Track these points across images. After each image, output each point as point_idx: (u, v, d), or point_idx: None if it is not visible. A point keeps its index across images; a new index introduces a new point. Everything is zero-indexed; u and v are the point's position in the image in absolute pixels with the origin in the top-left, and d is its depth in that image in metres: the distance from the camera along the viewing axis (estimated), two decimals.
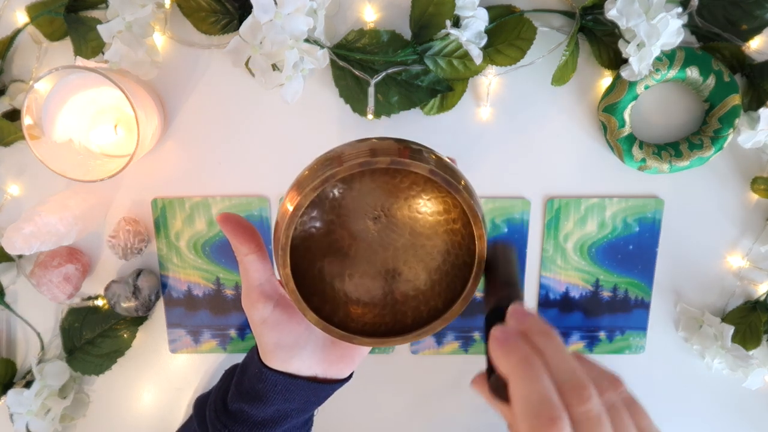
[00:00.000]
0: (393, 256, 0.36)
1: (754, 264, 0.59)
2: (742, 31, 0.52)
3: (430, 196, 0.35)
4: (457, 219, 0.34)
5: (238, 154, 0.57)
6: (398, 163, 0.29)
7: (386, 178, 0.34)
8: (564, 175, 0.57)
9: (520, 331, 0.26)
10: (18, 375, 0.60)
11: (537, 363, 0.24)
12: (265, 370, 0.37)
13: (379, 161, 0.29)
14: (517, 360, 0.24)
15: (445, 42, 0.51)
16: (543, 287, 0.60)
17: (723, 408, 0.63)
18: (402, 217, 0.35)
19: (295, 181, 0.31)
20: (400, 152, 0.29)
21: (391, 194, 0.35)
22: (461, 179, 0.30)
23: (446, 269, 0.35)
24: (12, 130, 0.54)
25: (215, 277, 0.59)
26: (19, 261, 0.59)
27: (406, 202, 0.35)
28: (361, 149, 0.30)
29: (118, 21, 0.49)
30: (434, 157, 0.31)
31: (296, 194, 0.30)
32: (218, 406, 0.39)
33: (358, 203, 0.35)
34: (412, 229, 0.35)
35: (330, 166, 0.29)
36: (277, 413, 0.37)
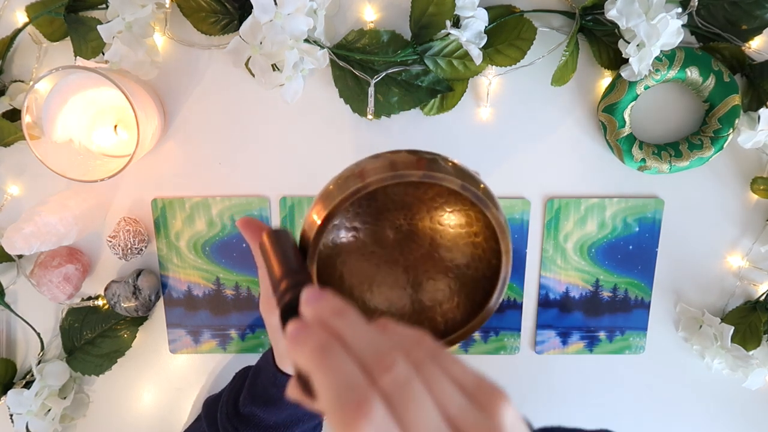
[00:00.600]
0: (413, 265, 0.36)
1: (754, 264, 0.59)
2: (742, 31, 0.52)
3: (453, 208, 0.35)
4: (479, 232, 0.34)
5: (238, 154, 0.57)
6: (430, 177, 0.29)
7: (410, 189, 0.34)
8: (564, 175, 0.57)
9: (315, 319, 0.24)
10: (18, 375, 0.60)
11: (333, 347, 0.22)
12: (280, 374, 0.36)
13: (411, 174, 0.29)
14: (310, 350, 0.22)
15: (445, 42, 0.51)
16: (543, 287, 0.60)
17: (723, 408, 0.63)
18: (423, 228, 0.35)
19: (320, 194, 0.31)
20: (417, 164, 0.29)
21: (414, 205, 0.35)
22: (487, 192, 0.30)
23: (466, 282, 0.35)
24: (12, 130, 0.54)
25: (215, 277, 0.59)
26: (19, 261, 0.59)
27: (429, 213, 0.35)
28: (382, 164, 0.30)
29: (118, 21, 0.49)
30: (451, 164, 0.31)
31: (324, 206, 0.30)
32: (229, 408, 0.39)
33: (381, 213, 0.35)
34: (433, 239, 0.35)
35: (356, 181, 0.29)
36: (289, 418, 0.37)
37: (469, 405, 0.21)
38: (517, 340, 0.61)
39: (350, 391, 0.20)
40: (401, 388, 0.21)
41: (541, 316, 0.60)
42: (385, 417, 0.20)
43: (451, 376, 0.22)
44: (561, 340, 0.61)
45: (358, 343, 0.22)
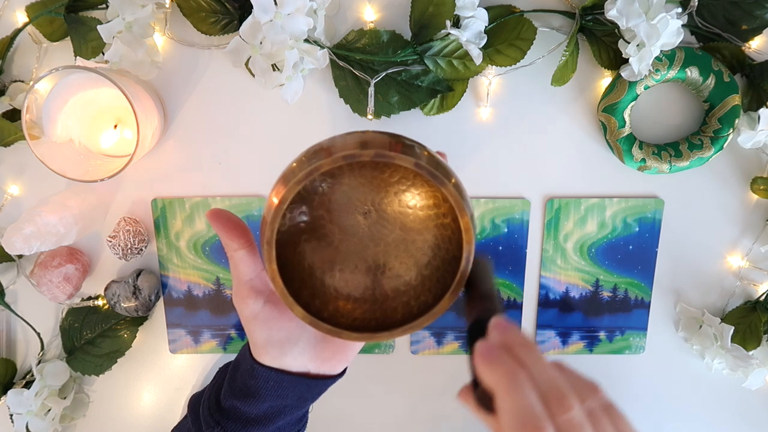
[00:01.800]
0: (384, 251, 0.35)
1: (754, 264, 0.59)
2: (742, 31, 0.52)
3: (420, 190, 0.35)
4: (447, 213, 0.34)
5: (238, 154, 0.57)
6: (383, 156, 0.29)
7: (375, 172, 0.34)
8: (564, 175, 0.57)
9: (502, 344, 0.27)
10: (18, 375, 0.60)
11: (521, 376, 0.25)
12: (257, 366, 0.36)
13: (364, 154, 0.29)
14: (501, 374, 0.25)
15: (445, 42, 0.51)
16: (543, 287, 0.60)
17: (723, 408, 0.63)
18: (392, 212, 0.35)
19: (282, 173, 0.31)
20: (391, 146, 0.29)
21: (381, 189, 0.35)
22: (448, 172, 0.30)
23: (437, 264, 0.35)
24: (12, 130, 0.54)
25: (215, 277, 0.59)
26: (19, 261, 0.59)
27: (396, 196, 0.35)
28: (352, 141, 0.30)
29: (118, 21, 0.49)
30: (426, 153, 0.30)
31: (282, 187, 0.30)
32: (211, 403, 0.39)
33: (347, 198, 0.35)
34: (403, 224, 0.35)
35: (316, 158, 0.29)
36: (270, 410, 0.37)
37: None
38: None
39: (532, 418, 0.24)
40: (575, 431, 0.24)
41: (541, 316, 0.60)
42: None
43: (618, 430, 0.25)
44: (561, 340, 0.61)
45: (540, 376, 0.25)
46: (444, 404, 0.63)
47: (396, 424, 0.63)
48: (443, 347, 0.61)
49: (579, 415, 0.24)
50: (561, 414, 0.24)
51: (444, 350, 0.61)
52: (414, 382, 0.62)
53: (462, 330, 0.61)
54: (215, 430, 0.38)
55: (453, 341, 0.61)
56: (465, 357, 0.61)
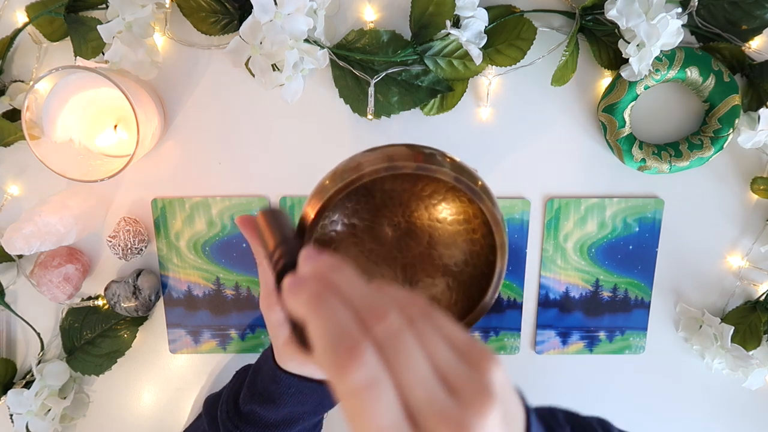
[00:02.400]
0: (411, 263, 0.36)
1: (754, 264, 0.59)
2: (742, 31, 0.52)
3: (450, 204, 0.35)
4: (477, 229, 0.34)
5: (238, 154, 0.57)
6: (424, 169, 0.29)
7: (407, 185, 0.34)
8: (564, 175, 0.57)
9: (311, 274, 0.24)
10: (18, 375, 0.60)
11: (328, 296, 0.23)
12: (280, 372, 0.36)
13: (405, 166, 0.29)
14: (306, 298, 0.23)
15: (445, 42, 0.51)
16: (543, 287, 0.60)
17: (723, 408, 0.63)
18: (422, 225, 0.35)
19: (316, 188, 0.31)
20: (414, 157, 0.29)
21: (412, 201, 0.35)
22: (484, 186, 0.30)
23: (464, 279, 0.35)
24: (12, 130, 0.54)
25: (215, 277, 0.59)
26: (19, 261, 0.59)
27: (427, 210, 0.35)
28: (378, 157, 0.30)
29: (118, 21, 0.49)
30: (449, 160, 0.30)
31: (318, 199, 0.30)
32: (230, 406, 0.39)
33: (379, 210, 0.35)
34: (431, 237, 0.35)
35: (347, 175, 0.29)
36: (289, 415, 0.37)
37: (460, 361, 0.22)
38: (517, 340, 0.61)
39: (343, 336, 0.21)
40: (393, 337, 0.21)
41: (541, 316, 0.60)
42: (376, 363, 0.20)
43: (443, 333, 0.22)
44: (561, 340, 0.61)
45: (353, 294, 0.23)
46: None
47: None
48: None
49: (396, 321, 0.22)
50: (377, 324, 0.21)
51: None
52: None
53: None
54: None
55: None
56: None
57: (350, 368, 0.20)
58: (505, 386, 0.21)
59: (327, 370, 0.21)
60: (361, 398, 0.20)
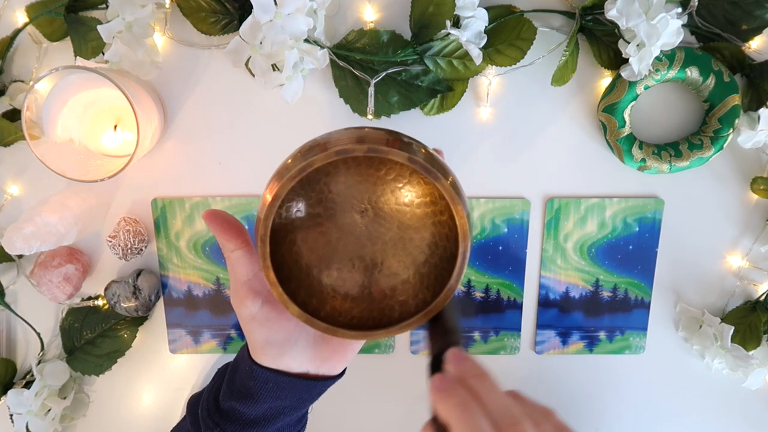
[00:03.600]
0: (381, 249, 0.35)
1: (754, 264, 0.59)
2: (742, 31, 0.52)
3: (416, 187, 0.34)
4: (444, 210, 0.34)
5: (238, 154, 0.57)
6: (376, 151, 0.28)
7: (371, 170, 0.34)
8: (564, 175, 0.57)
9: (457, 377, 0.27)
10: (18, 375, 0.60)
11: (473, 405, 0.25)
12: (256, 367, 0.36)
13: (357, 149, 0.28)
14: (453, 404, 0.25)
15: (445, 42, 0.51)
16: (543, 287, 0.60)
17: (723, 408, 0.63)
18: (389, 210, 0.35)
19: (276, 169, 0.31)
20: (388, 142, 0.29)
21: (377, 187, 0.34)
22: (444, 169, 0.30)
23: (435, 262, 0.34)
24: (12, 130, 0.54)
25: (215, 277, 0.59)
26: (19, 261, 0.59)
27: (393, 194, 0.35)
28: (348, 137, 0.30)
29: (118, 21, 0.49)
30: (423, 150, 0.30)
31: (276, 184, 0.30)
32: (210, 404, 0.39)
33: (344, 196, 0.35)
34: (400, 222, 0.35)
35: (311, 154, 0.29)
36: (269, 411, 0.37)
37: None
38: (517, 340, 0.61)
39: None
40: None
41: (541, 316, 0.60)
42: None
43: None
44: (561, 340, 0.61)
45: (492, 404, 0.25)
46: None
47: (396, 424, 0.63)
48: None
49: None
50: None
51: None
52: (414, 382, 0.62)
53: (462, 330, 0.61)
54: (214, 431, 0.38)
55: None
56: None
57: None
58: None
59: None
60: None
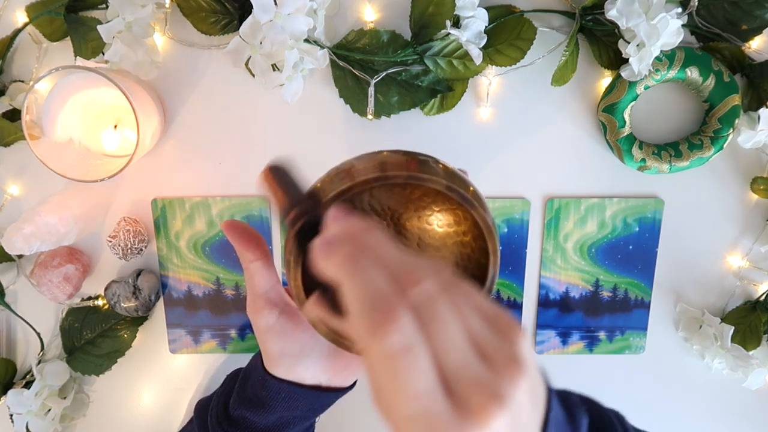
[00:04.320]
0: None
1: (754, 264, 0.59)
2: (742, 31, 0.52)
3: (440, 207, 0.34)
4: (467, 231, 0.34)
5: (238, 154, 0.57)
6: (415, 179, 0.28)
7: (397, 188, 0.34)
8: (564, 175, 0.57)
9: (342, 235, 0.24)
10: (18, 375, 0.60)
11: (364, 258, 0.22)
12: (269, 377, 0.36)
13: (396, 176, 0.28)
14: (341, 259, 0.22)
15: (445, 42, 0.51)
16: (543, 287, 0.60)
17: (723, 408, 0.63)
18: (411, 228, 0.35)
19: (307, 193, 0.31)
20: (407, 165, 0.29)
21: (401, 205, 0.34)
22: (476, 193, 0.30)
23: None
24: (12, 130, 0.54)
25: (215, 277, 0.59)
26: (19, 261, 0.59)
27: (416, 213, 0.35)
28: (372, 163, 0.30)
29: (118, 21, 0.49)
30: (442, 167, 0.30)
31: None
32: (220, 411, 0.39)
33: (366, 212, 0.35)
34: (421, 240, 0.35)
35: (343, 181, 0.29)
36: (279, 420, 0.37)
37: (490, 330, 0.22)
38: None
39: (381, 299, 0.21)
40: (429, 303, 0.21)
41: (541, 316, 0.60)
42: (412, 328, 0.20)
43: (473, 301, 0.22)
44: (561, 340, 0.61)
45: (387, 257, 0.22)
46: None
47: None
48: None
49: (432, 287, 0.21)
50: (412, 288, 0.21)
51: None
52: None
53: None
54: None
55: None
56: None
57: (387, 332, 0.20)
58: (531, 357, 0.22)
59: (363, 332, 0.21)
60: (397, 362, 0.20)
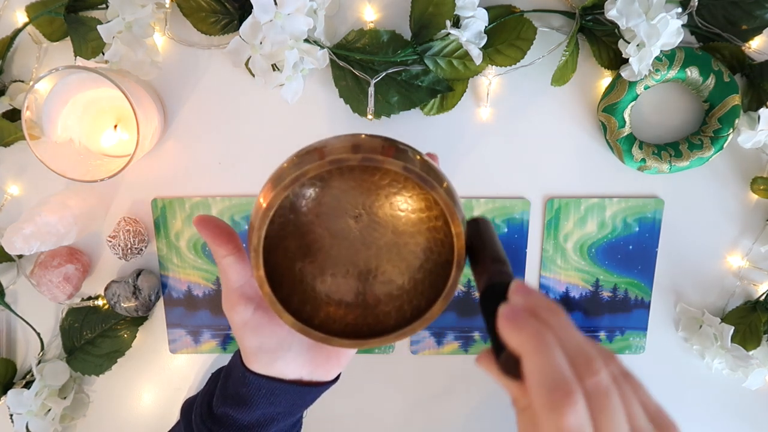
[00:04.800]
0: (376, 255, 0.35)
1: (754, 264, 0.59)
2: (742, 31, 0.52)
3: (411, 193, 0.34)
4: (440, 216, 0.33)
5: (238, 154, 0.57)
6: (371, 160, 0.28)
7: (365, 175, 0.34)
8: (564, 175, 0.57)
9: (526, 307, 0.26)
10: (18, 375, 0.60)
11: (548, 337, 0.25)
12: (248, 374, 0.36)
13: (351, 158, 0.28)
14: (528, 335, 0.25)
15: (445, 42, 0.51)
16: (543, 287, 0.60)
17: (723, 408, 0.63)
18: (384, 216, 0.35)
19: (272, 174, 0.31)
20: (383, 150, 0.29)
21: (371, 192, 0.34)
22: (439, 176, 0.30)
23: (429, 267, 0.34)
24: (12, 130, 0.54)
25: (215, 277, 0.59)
26: (19, 261, 0.59)
27: (387, 199, 0.34)
28: (343, 145, 0.29)
29: (118, 21, 0.49)
30: (419, 158, 0.30)
31: (270, 191, 0.29)
32: (204, 410, 0.39)
33: (338, 201, 0.34)
34: (395, 227, 0.35)
35: (307, 161, 0.29)
36: (262, 417, 0.37)
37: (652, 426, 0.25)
38: None
39: (561, 380, 0.23)
40: (602, 394, 0.24)
41: None
42: (584, 413, 0.23)
43: (639, 396, 0.26)
44: None
45: (567, 339, 0.25)
46: (444, 404, 0.63)
47: (395, 424, 0.63)
48: (443, 347, 0.61)
49: (606, 379, 0.24)
50: (589, 377, 0.24)
51: (444, 350, 0.61)
52: (414, 382, 0.62)
53: (463, 330, 0.61)
54: None
55: (453, 341, 0.61)
56: (464, 357, 0.61)
57: (564, 412, 0.23)
58: None
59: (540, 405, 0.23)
60: None
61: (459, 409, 0.63)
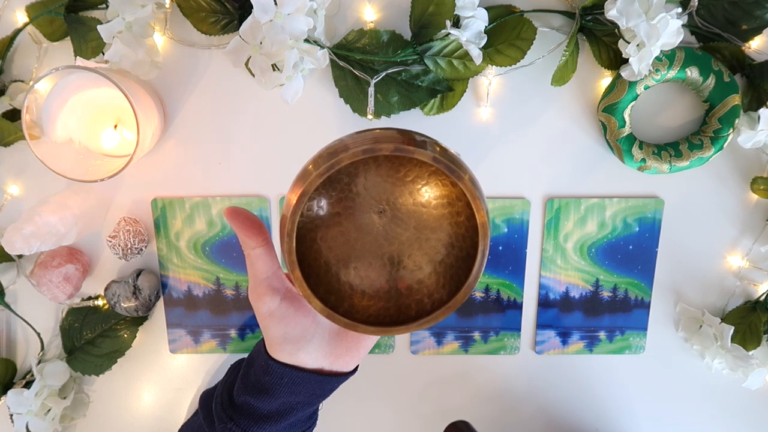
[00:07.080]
0: (398, 249, 0.36)
1: (754, 264, 0.59)
2: (742, 31, 0.52)
3: (434, 189, 0.35)
4: (461, 212, 0.34)
5: (238, 154, 0.57)
6: (402, 150, 0.29)
7: (391, 171, 0.35)
8: (564, 175, 0.57)
9: None
10: (18, 375, 0.60)
11: None
12: (272, 362, 0.37)
13: (383, 148, 0.29)
14: None
15: (445, 42, 0.51)
16: (543, 287, 0.60)
17: (723, 408, 0.63)
18: (407, 211, 0.36)
19: (298, 174, 0.32)
20: (403, 142, 0.30)
21: (395, 188, 0.35)
22: (464, 168, 0.31)
23: (450, 262, 0.35)
24: (12, 130, 0.54)
25: (215, 277, 0.59)
26: (19, 261, 0.59)
27: (411, 195, 0.35)
28: (364, 139, 0.30)
29: (118, 21, 0.49)
30: (438, 147, 0.31)
31: (301, 184, 0.30)
32: (224, 399, 0.39)
33: (363, 197, 0.35)
34: (417, 222, 0.36)
35: (334, 156, 0.30)
36: (283, 406, 0.38)
37: None
38: (517, 340, 0.61)
39: None
40: None
41: (541, 316, 0.60)
42: None
43: None
44: (561, 340, 0.61)
45: None
46: (444, 404, 0.63)
47: (396, 423, 0.63)
48: (443, 347, 0.61)
49: None
50: None
51: (444, 350, 0.61)
52: (414, 382, 0.62)
53: (463, 330, 0.61)
54: (228, 425, 0.38)
55: (453, 341, 0.61)
56: (464, 357, 0.61)
57: None
58: None
59: None
60: None
61: (459, 409, 0.63)
